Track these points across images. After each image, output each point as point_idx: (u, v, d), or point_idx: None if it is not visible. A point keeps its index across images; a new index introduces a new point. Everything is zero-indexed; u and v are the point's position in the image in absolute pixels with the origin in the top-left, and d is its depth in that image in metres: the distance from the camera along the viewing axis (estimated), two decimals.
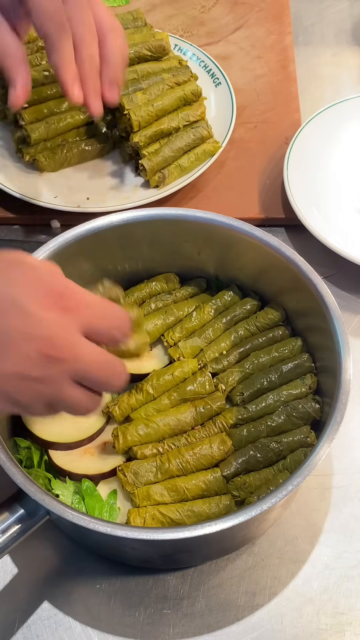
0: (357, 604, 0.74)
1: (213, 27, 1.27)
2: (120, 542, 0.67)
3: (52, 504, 0.64)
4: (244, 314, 0.86)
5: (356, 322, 0.94)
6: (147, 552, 0.72)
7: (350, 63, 1.24)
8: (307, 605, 0.74)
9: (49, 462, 0.75)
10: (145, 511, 0.71)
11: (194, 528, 0.63)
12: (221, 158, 1.06)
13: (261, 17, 1.28)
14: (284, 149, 1.06)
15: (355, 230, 0.98)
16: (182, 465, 0.75)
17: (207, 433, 0.77)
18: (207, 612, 0.73)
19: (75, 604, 0.74)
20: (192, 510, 0.71)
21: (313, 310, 0.78)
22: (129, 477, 0.74)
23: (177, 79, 1.07)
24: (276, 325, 0.84)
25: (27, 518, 0.65)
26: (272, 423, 0.77)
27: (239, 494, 0.73)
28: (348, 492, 0.80)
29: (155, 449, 0.76)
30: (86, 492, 0.73)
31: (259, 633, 0.72)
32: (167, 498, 0.73)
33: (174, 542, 0.64)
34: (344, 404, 0.69)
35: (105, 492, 0.75)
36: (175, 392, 0.79)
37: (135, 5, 1.29)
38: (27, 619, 0.73)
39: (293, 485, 0.65)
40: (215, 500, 0.72)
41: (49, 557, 0.76)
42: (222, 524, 0.63)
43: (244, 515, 0.63)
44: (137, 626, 0.72)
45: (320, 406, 0.77)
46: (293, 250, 0.80)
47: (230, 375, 0.81)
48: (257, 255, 0.82)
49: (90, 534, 0.68)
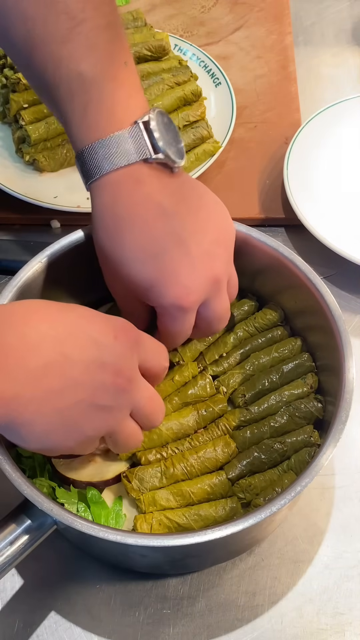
0: (357, 604, 0.74)
1: (213, 27, 1.27)
2: (129, 549, 0.67)
3: (60, 513, 0.63)
4: (242, 315, 0.86)
5: (356, 322, 0.94)
6: (157, 558, 0.71)
7: (350, 63, 1.24)
8: (307, 605, 0.74)
9: (52, 470, 0.74)
10: (152, 517, 0.71)
11: (205, 533, 0.62)
12: (221, 158, 1.06)
13: (261, 17, 1.28)
14: (284, 149, 1.06)
15: (355, 230, 0.98)
16: (187, 469, 0.74)
17: (210, 436, 0.77)
18: (207, 612, 0.73)
19: (75, 604, 0.73)
20: (198, 514, 0.71)
21: (312, 309, 0.77)
22: (134, 483, 0.73)
23: (177, 79, 1.07)
24: (275, 325, 0.84)
25: (34, 529, 0.64)
26: (275, 424, 0.77)
27: (244, 496, 0.73)
28: (348, 492, 0.80)
29: (159, 454, 0.76)
30: (91, 499, 0.72)
31: (259, 633, 0.72)
32: (173, 503, 0.73)
33: (184, 547, 0.63)
34: (349, 402, 0.69)
35: (110, 499, 0.74)
36: (176, 397, 0.79)
37: (135, 5, 1.29)
38: (27, 619, 0.73)
39: (301, 486, 0.64)
40: (222, 503, 0.72)
41: (49, 559, 0.76)
42: (233, 528, 0.62)
43: (254, 518, 0.63)
44: (137, 626, 0.72)
45: (322, 405, 0.77)
46: (290, 249, 0.80)
47: (231, 377, 0.81)
48: (254, 256, 0.82)
49: (98, 543, 0.68)
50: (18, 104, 1.04)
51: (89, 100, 0.68)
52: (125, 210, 0.69)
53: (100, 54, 0.68)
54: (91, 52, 0.68)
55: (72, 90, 0.68)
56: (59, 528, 0.66)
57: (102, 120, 0.68)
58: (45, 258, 0.78)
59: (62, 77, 0.68)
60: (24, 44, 0.70)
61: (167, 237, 0.68)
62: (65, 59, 0.68)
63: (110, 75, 0.68)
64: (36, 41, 0.68)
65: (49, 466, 0.74)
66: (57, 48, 0.68)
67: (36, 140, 1.02)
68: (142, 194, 0.68)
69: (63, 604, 0.73)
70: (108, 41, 0.69)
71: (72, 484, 0.73)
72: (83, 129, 0.69)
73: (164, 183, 0.69)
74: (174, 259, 0.68)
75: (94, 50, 0.68)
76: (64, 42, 0.67)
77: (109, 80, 0.68)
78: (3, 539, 0.63)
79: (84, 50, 0.68)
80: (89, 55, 0.68)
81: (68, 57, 0.68)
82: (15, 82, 1.03)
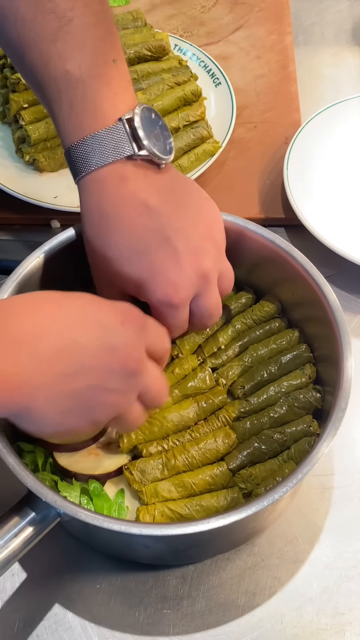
0: (357, 604, 0.74)
1: (213, 27, 1.27)
2: (133, 539, 0.67)
3: (64, 505, 0.63)
4: (239, 307, 0.86)
5: (356, 322, 0.94)
6: (160, 548, 0.72)
7: (350, 63, 1.24)
8: (307, 605, 0.74)
9: (54, 464, 0.75)
10: (154, 508, 0.72)
11: (208, 521, 0.63)
12: (221, 158, 1.06)
13: (261, 17, 1.28)
14: (284, 149, 1.06)
15: (355, 230, 0.98)
16: (188, 460, 0.75)
17: (210, 427, 0.78)
18: (207, 612, 0.73)
19: (76, 604, 0.73)
20: (200, 504, 0.72)
21: (310, 300, 0.78)
22: (136, 475, 0.74)
23: (177, 79, 1.07)
24: (272, 317, 0.85)
25: (38, 521, 0.65)
26: (275, 414, 0.77)
27: (245, 486, 0.74)
28: (348, 492, 0.80)
29: (160, 446, 0.76)
30: (94, 492, 0.73)
31: (259, 633, 0.72)
32: (175, 494, 0.73)
33: (187, 536, 0.63)
34: (347, 390, 0.70)
35: (112, 492, 0.75)
36: (176, 389, 0.80)
37: (135, 5, 1.29)
38: (27, 619, 0.73)
39: (302, 474, 0.65)
40: (223, 493, 0.73)
41: (49, 560, 0.76)
42: (236, 515, 0.63)
43: (257, 505, 0.63)
44: (137, 626, 0.72)
45: (321, 395, 0.78)
46: (288, 242, 0.80)
47: (230, 370, 0.82)
48: (252, 248, 0.82)
49: (101, 534, 0.68)
50: (18, 104, 1.04)
51: (74, 98, 0.69)
52: (110, 208, 0.69)
53: (88, 52, 0.69)
54: (78, 51, 0.68)
55: (60, 89, 0.69)
56: (62, 520, 0.66)
57: (87, 118, 0.69)
58: (43, 254, 0.78)
59: (51, 76, 0.69)
60: (17, 43, 0.70)
61: (151, 235, 0.69)
62: (53, 58, 0.68)
63: (97, 73, 0.69)
64: (27, 40, 0.69)
65: (51, 460, 0.75)
66: (46, 47, 0.68)
67: (36, 140, 1.02)
68: (127, 191, 0.69)
69: (63, 604, 0.73)
70: (97, 39, 0.69)
71: (74, 477, 0.74)
72: (70, 127, 0.70)
73: (150, 180, 0.70)
74: (159, 257, 0.68)
75: (81, 49, 0.68)
76: (53, 42, 0.68)
77: (95, 78, 0.69)
78: (7, 532, 0.64)
79: (72, 49, 0.68)
80: (76, 54, 0.68)
81: (56, 56, 0.68)
82: (15, 82, 1.03)
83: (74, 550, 0.76)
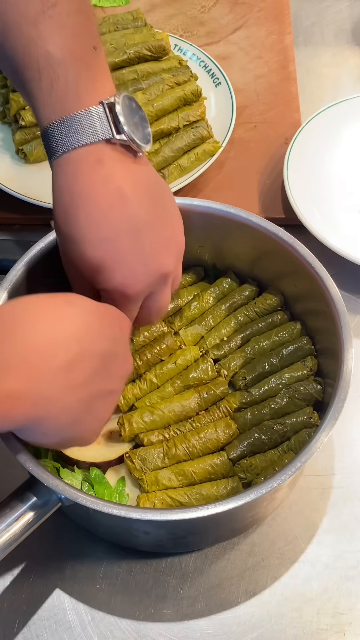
0: (357, 604, 0.74)
1: (213, 27, 1.27)
2: (133, 525, 0.68)
3: (65, 489, 0.64)
4: (242, 300, 0.87)
5: (356, 322, 0.94)
6: (160, 535, 0.72)
7: (350, 63, 1.24)
8: (307, 605, 0.74)
9: (56, 451, 0.76)
10: (155, 496, 0.72)
11: (208, 507, 0.63)
12: (221, 158, 1.06)
13: (261, 17, 1.28)
14: (284, 149, 1.06)
15: (355, 230, 0.98)
16: (189, 449, 0.76)
17: (211, 418, 0.78)
18: (207, 612, 0.73)
19: (76, 604, 0.74)
20: (200, 493, 0.72)
21: (311, 293, 0.78)
22: (137, 464, 0.75)
23: (177, 79, 1.07)
24: (275, 310, 0.86)
25: (39, 506, 0.65)
26: (275, 405, 0.78)
27: (245, 476, 0.74)
28: (348, 492, 0.80)
29: (162, 435, 0.77)
30: (95, 480, 0.74)
31: (259, 633, 0.72)
32: (175, 482, 0.74)
33: (187, 522, 0.64)
34: (347, 382, 0.70)
35: (113, 480, 0.76)
36: (178, 380, 0.80)
37: (135, 5, 1.29)
38: (27, 619, 0.73)
39: (301, 462, 0.65)
40: (223, 482, 0.73)
41: (49, 558, 0.76)
42: (235, 502, 0.63)
43: (255, 492, 0.64)
44: (137, 626, 0.72)
45: (321, 387, 0.78)
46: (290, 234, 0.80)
47: (232, 361, 0.82)
48: (255, 241, 0.83)
49: (102, 520, 0.69)
50: (18, 103, 1.04)
51: (55, 78, 0.68)
52: (83, 189, 0.68)
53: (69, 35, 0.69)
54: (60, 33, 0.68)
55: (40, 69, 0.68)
56: (63, 506, 0.66)
57: (68, 98, 0.68)
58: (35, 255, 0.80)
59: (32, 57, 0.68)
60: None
61: (122, 223, 0.68)
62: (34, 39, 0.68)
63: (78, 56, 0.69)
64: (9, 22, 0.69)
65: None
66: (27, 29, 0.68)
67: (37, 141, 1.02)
68: (103, 175, 0.68)
69: (63, 603, 0.74)
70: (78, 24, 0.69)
71: (75, 465, 0.75)
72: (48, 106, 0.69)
73: (127, 167, 0.69)
74: (126, 246, 0.68)
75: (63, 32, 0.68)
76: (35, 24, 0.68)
77: (76, 60, 0.68)
78: (9, 516, 0.64)
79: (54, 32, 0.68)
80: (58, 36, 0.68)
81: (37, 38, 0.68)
82: None
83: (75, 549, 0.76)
